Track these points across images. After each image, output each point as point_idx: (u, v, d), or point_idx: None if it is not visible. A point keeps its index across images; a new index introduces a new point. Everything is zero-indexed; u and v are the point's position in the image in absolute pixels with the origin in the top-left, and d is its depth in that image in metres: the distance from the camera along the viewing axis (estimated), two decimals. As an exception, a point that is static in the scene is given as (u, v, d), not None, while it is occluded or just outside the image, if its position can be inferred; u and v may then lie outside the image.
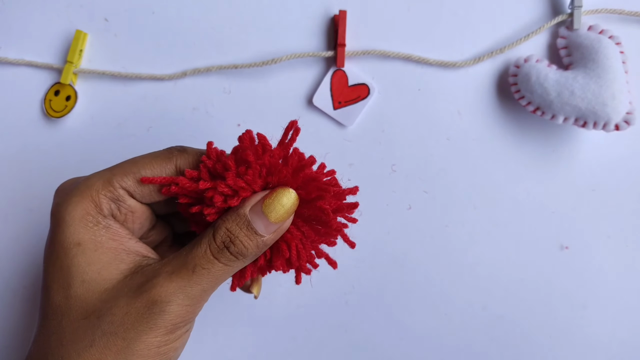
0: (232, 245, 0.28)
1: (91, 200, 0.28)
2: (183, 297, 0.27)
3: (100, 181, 0.29)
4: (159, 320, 0.26)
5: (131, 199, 0.30)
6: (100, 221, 0.28)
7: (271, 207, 0.28)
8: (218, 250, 0.28)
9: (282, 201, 0.28)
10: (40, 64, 0.45)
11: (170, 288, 0.26)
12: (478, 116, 0.44)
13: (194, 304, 0.27)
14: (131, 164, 0.30)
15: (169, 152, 0.31)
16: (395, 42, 0.44)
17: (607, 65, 0.40)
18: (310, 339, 0.43)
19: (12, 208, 0.45)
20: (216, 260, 0.27)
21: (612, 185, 0.43)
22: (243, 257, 0.28)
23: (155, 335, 0.26)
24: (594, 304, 0.43)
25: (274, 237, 0.29)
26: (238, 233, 0.28)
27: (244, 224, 0.28)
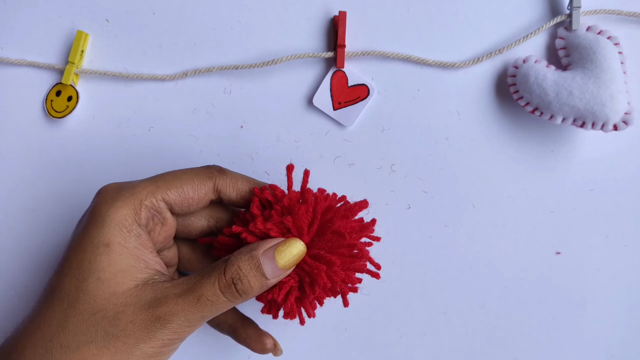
0: (239, 282, 0.30)
1: (132, 207, 0.30)
2: (183, 320, 0.29)
3: (145, 191, 0.31)
4: (159, 333, 0.28)
5: (168, 212, 0.33)
6: (134, 229, 0.30)
7: (283, 254, 0.30)
8: (226, 286, 0.29)
9: (292, 250, 0.31)
10: (42, 65, 0.46)
11: (174, 310, 0.28)
12: (477, 116, 0.44)
13: (191, 326, 0.29)
14: (173, 178, 0.33)
15: (209, 171, 0.34)
16: (394, 43, 0.44)
17: (606, 65, 0.40)
18: (310, 339, 0.43)
19: (14, 208, 0.45)
20: (222, 295, 0.29)
21: (611, 185, 0.43)
22: (246, 295, 0.30)
23: (152, 345, 0.28)
24: (592, 303, 0.43)
25: (275, 282, 0.31)
26: (248, 273, 0.30)
27: (255, 265, 0.30)
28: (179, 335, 0.29)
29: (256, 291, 0.30)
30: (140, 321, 0.28)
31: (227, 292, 0.29)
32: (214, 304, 0.29)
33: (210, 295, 0.29)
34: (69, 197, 0.45)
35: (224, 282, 0.29)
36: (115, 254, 0.29)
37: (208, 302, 0.29)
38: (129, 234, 0.30)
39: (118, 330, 0.28)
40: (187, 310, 0.29)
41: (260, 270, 0.30)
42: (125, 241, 0.30)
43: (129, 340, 0.28)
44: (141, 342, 0.28)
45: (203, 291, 0.29)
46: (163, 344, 0.28)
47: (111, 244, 0.29)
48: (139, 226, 0.31)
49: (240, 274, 0.30)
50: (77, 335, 0.27)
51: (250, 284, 0.30)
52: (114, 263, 0.29)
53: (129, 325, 0.28)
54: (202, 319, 0.30)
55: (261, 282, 0.30)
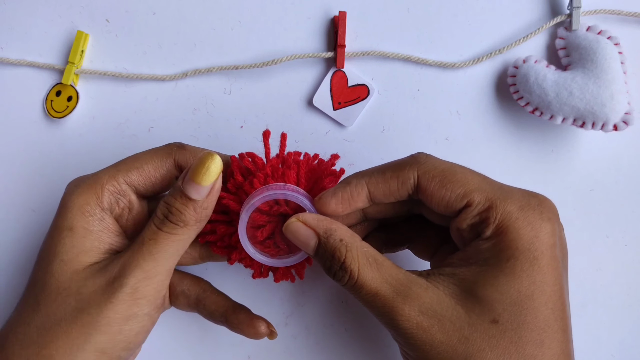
0: (170, 214, 0.30)
1: (94, 192, 0.31)
2: (139, 271, 0.29)
3: (106, 176, 0.32)
4: (118, 293, 0.28)
5: (133, 194, 0.33)
6: (97, 213, 0.31)
7: (197, 172, 0.30)
8: (160, 221, 0.30)
9: (207, 166, 0.30)
10: (42, 65, 0.46)
11: (126, 264, 0.29)
12: (477, 116, 0.44)
13: (149, 277, 0.29)
14: (134, 160, 0.33)
15: (169, 148, 0.34)
16: (394, 43, 0.44)
17: (606, 65, 0.40)
18: (310, 339, 0.43)
19: (14, 208, 0.45)
20: (160, 231, 0.30)
21: (611, 185, 0.43)
22: (184, 224, 0.30)
23: (116, 310, 0.28)
24: (592, 304, 0.43)
25: (211, 200, 0.31)
26: (174, 202, 0.30)
27: (178, 193, 0.30)
28: (141, 293, 0.29)
29: (192, 216, 0.30)
30: (100, 287, 0.29)
31: (164, 226, 0.30)
32: (158, 242, 0.30)
33: (150, 234, 0.30)
34: (69, 198, 0.45)
35: (158, 219, 0.30)
36: (79, 236, 0.30)
37: (151, 242, 0.30)
38: (92, 218, 0.31)
39: (83, 303, 0.28)
40: (138, 260, 0.29)
41: (184, 195, 0.30)
42: (88, 224, 0.31)
43: (93, 310, 0.28)
44: (104, 308, 0.28)
45: (144, 235, 0.30)
46: (127, 307, 0.29)
47: (74, 227, 0.30)
48: (102, 210, 0.31)
49: (168, 207, 0.30)
50: (49, 316, 0.28)
51: (180, 210, 0.30)
52: (76, 244, 0.30)
53: (91, 296, 0.28)
54: (157, 266, 0.30)
55: (192, 206, 0.30)
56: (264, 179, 0.32)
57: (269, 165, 0.33)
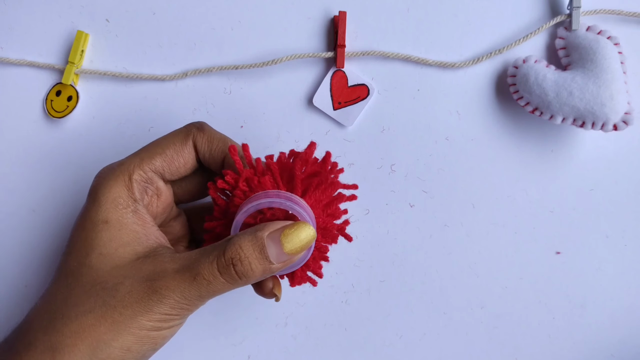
0: (239, 264, 0.28)
1: (124, 184, 0.31)
2: (180, 296, 0.28)
3: (132, 165, 0.32)
4: (155, 307, 0.28)
5: (160, 181, 0.33)
6: (130, 205, 0.31)
7: (289, 238, 0.28)
8: (224, 266, 0.28)
9: (300, 235, 0.29)
10: (42, 65, 0.46)
11: (170, 285, 0.28)
12: (477, 116, 0.44)
13: (189, 304, 0.28)
14: (155, 146, 0.33)
15: (187, 129, 0.33)
16: (394, 43, 0.44)
17: (606, 65, 0.40)
18: (310, 338, 0.43)
19: (14, 208, 0.45)
20: (219, 275, 0.28)
21: (611, 185, 0.43)
22: (246, 279, 0.29)
23: (149, 319, 0.28)
24: (592, 304, 0.43)
25: (281, 268, 0.29)
26: (250, 254, 0.28)
27: (259, 246, 0.28)
28: (176, 311, 0.28)
29: (257, 275, 0.29)
30: (138, 293, 0.28)
31: (225, 273, 0.28)
32: (211, 284, 0.28)
33: (207, 274, 0.28)
34: (69, 197, 0.45)
35: (223, 263, 0.28)
36: (115, 229, 0.30)
37: (204, 282, 0.28)
38: (126, 210, 0.30)
39: (116, 301, 0.27)
40: (183, 287, 0.28)
41: (263, 253, 0.28)
42: (123, 217, 0.30)
43: (126, 311, 0.27)
44: (138, 314, 0.27)
45: (200, 269, 0.28)
46: (160, 319, 0.28)
47: (109, 220, 0.30)
48: (135, 201, 0.31)
49: (240, 255, 0.28)
50: (78, 306, 0.28)
51: (252, 266, 0.28)
52: (114, 238, 0.29)
53: (127, 297, 0.28)
54: (200, 299, 0.29)
55: (264, 265, 0.28)
56: (243, 195, 0.31)
57: (242, 180, 0.31)
